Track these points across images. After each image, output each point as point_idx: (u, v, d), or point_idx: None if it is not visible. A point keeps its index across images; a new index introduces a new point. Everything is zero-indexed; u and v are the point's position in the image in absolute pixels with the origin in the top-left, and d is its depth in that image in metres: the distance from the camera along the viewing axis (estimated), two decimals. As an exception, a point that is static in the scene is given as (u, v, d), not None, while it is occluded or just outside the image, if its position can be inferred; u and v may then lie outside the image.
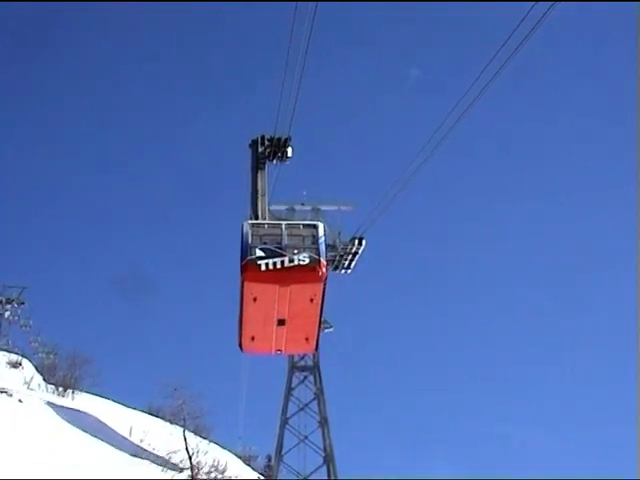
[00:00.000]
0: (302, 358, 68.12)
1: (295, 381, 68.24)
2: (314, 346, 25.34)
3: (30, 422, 33.02)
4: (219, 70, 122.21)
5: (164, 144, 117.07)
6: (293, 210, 67.38)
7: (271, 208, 25.14)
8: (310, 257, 22.62)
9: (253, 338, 24.18)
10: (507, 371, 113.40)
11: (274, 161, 23.51)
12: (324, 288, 23.19)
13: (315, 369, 68.07)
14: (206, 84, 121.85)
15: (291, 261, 22.39)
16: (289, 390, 67.74)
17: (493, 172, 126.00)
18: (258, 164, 24.08)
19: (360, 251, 65.28)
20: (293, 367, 68.02)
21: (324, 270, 22.63)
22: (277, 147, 23.48)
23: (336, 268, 67.22)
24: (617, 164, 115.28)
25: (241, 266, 22.65)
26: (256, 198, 24.00)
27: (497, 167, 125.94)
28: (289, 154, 23.29)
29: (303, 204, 67.00)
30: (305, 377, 68.28)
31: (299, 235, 23.21)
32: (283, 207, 65.71)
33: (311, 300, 23.46)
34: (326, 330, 68.33)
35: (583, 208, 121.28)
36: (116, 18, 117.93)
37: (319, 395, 67.35)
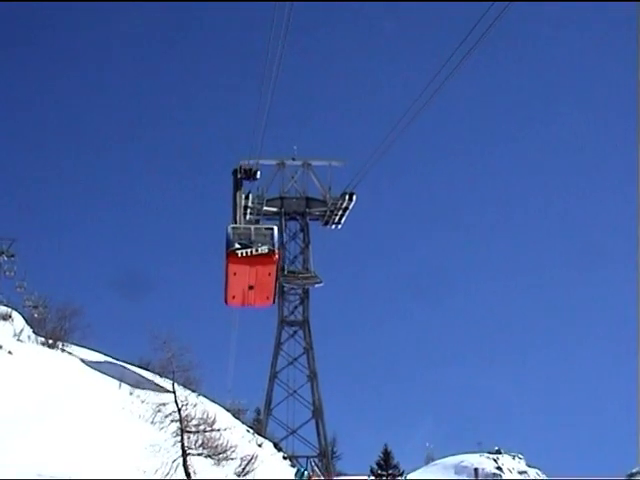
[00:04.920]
0: (292, 313, 68.07)
1: (285, 335, 68.30)
2: (272, 301, 36.84)
3: (20, 374, 33.10)
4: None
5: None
6: (283, 165, 67.62)
7: (263, 162, 33.37)
8: (268, 248, 32.97)
9: (234, 297, 35.10)
10: (492, 327, 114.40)
11: (248, 181, 35.79)
12: (277, 267, 34.74)
13: (305, 323, 68.05)
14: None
15: (256, 250, 32.56)
16: (278, 344, 67.79)
17: (490, 127, 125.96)
18: (237, 185, 34.27)
19: (350, 206, 65.49)
20: (282, 321, 67.92)
21: (276, 256, 33.72)
22: (249, 173, 34.25)
23: (326, 223, 67.48)
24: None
25: (226, 253, 33.25)
26: (235, 209, 33.72)
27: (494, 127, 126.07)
28: (257, 177, 35.19)
29: (294, 159, 67.48)
30: (295, 332, 68.29)
31: (262, 234, 33.42)
32: (274, 162, 65.93)
33: (269, 274, 34.28)
34: (316, 285, 68.48)
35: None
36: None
37: (308, 349, 67.49)
